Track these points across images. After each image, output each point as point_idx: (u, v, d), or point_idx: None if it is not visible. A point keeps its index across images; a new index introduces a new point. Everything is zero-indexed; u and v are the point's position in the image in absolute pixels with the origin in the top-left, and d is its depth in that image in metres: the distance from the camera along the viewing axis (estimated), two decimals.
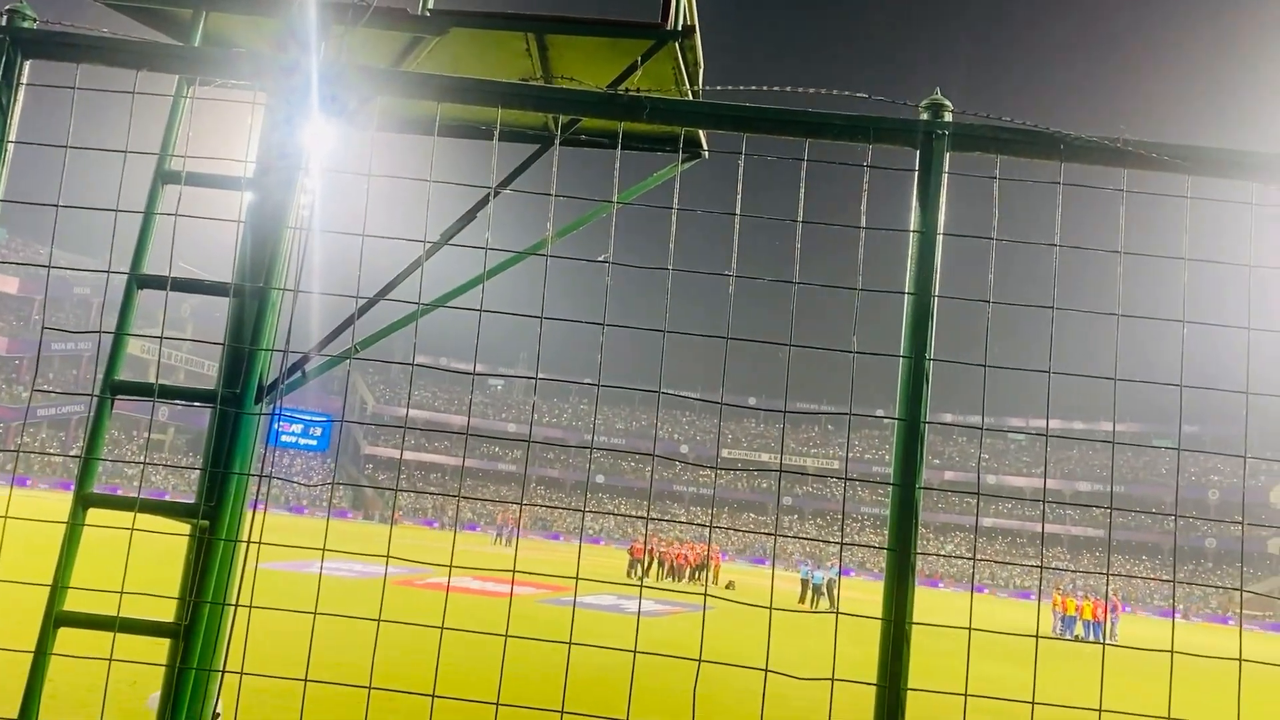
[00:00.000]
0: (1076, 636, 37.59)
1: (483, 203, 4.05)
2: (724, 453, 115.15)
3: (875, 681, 2.36)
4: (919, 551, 2.40)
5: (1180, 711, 2.49)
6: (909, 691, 2.34)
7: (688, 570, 45.34)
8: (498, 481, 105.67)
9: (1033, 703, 2.31)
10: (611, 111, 2.59)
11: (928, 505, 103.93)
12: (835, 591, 38.96)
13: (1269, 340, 2.77)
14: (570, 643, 2.53)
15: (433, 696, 2.67)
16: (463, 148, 4.83)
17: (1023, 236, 2.68)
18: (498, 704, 2.55)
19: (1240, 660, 2.54)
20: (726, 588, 43.83)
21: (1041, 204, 2.92)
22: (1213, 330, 2.74)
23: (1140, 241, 2.73)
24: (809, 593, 39.09)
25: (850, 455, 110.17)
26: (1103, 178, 2.61)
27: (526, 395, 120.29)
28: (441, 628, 2.72)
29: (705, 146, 4.39)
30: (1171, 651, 2.47)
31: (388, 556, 2.58)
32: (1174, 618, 2.72)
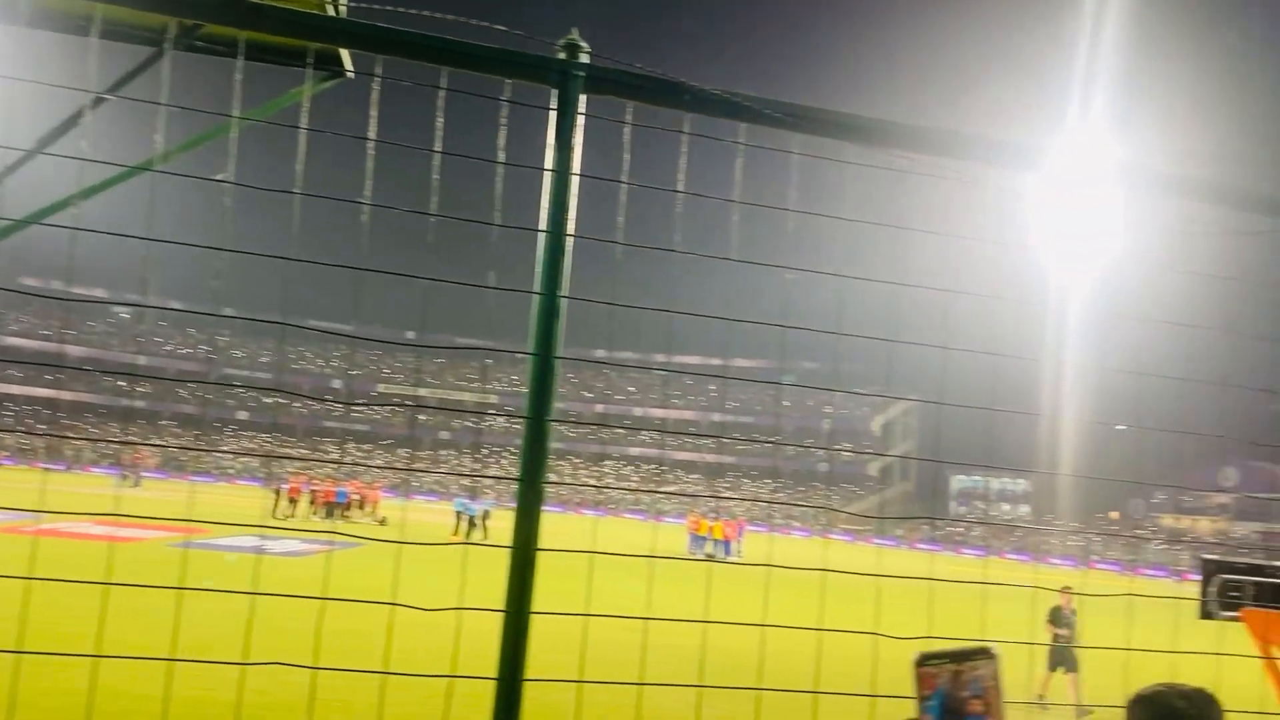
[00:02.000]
0: (708, 554, 40.99)
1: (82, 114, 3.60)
2: (379, 387, 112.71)
3: (504, 608, 2.42)
4: (548, 481, 2.49)
5: (784, 612, 2.79)
6: (532, 615, 2.44)
7: (337, 508, 44.16)
8: (125, 419, 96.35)
9: (646, 618, 2.48)
10: (229, 18, 2.40)
11: (579, 436, 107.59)
12: (488, 524, 39.62)
13: (865, 287, 3.13)
14: (181, 588, 2.38)
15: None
16: (98, 51, 4.26)
17: (668, 183, 2.81)
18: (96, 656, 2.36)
19: (825, 570, 2.88)
20: (381, 524, 43.27)
21: (699, 155, 3.08)
22: (823, 277, 3.05)
23: (758, 192, 2.95)
24: (463, 525, 39.55)
25: (509, 389, 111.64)
26: (735, 132, 2.80)
27: (156, 325, 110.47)
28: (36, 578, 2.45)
29: (349, 67, 4.19)
30: (769, 565, 2.76)
31: None
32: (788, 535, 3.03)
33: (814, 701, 2.68)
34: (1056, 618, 14.86)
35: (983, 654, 1.91)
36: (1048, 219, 3.57)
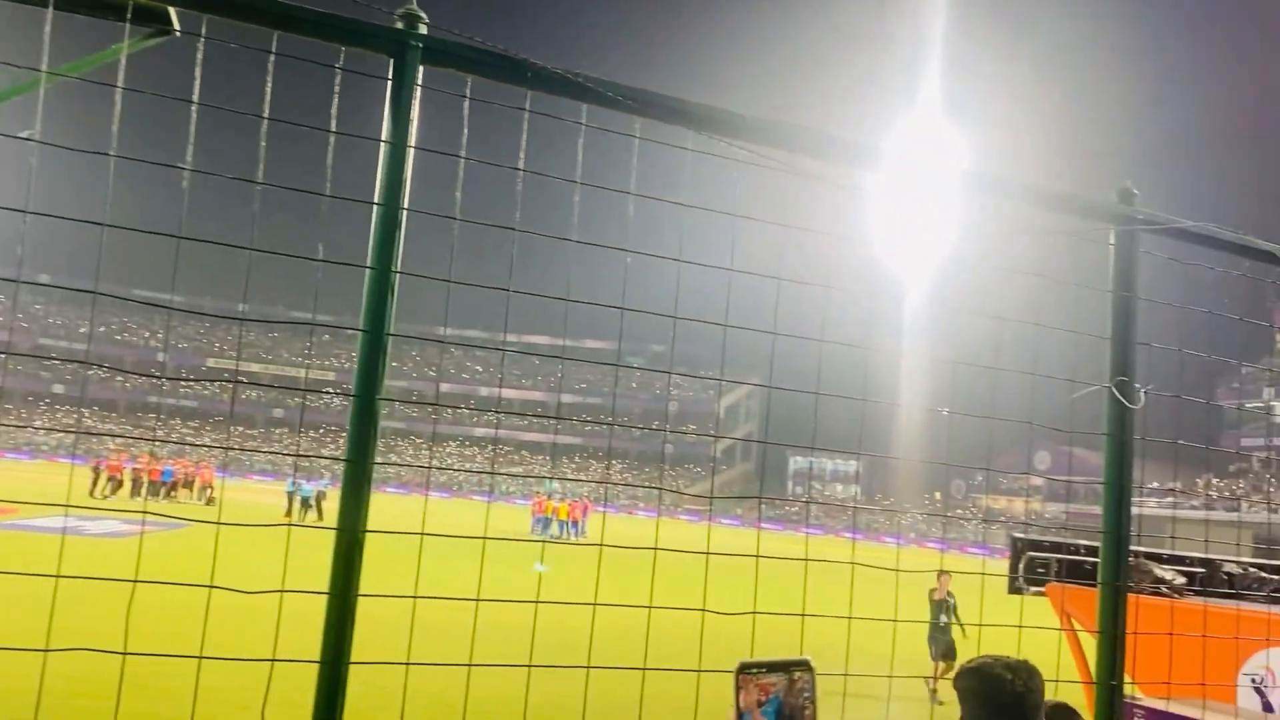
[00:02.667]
0: (553, 536, 41.05)
1: None
2: (209, 362, 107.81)
3: (327, 590, 2.36)
4: (376, 461, 2.43)
5: (624, 592, 2.81)
6: (359, 598, 2.38)
7: (163, 488, 42.18)
8: None
9: (477, 600, 2.46)
10: None
11: (421, 416, 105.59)
12: (323, 504, 38.52)
13: (706, 273, 3.18)
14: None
15: None
16: None
17: (509, 161, 2.77)
18: None
19: (655, 549, 2.92)
20: (208, 504, 41.47)
21: (543, 134, 3.04)
22: (660, 261, 3.08)
23: (599, 175, 2.95)
24: (296, 506, 38.34)
25: (349, 366, 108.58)
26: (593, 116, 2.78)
27: None
28: None
29: (175, 24, 3.95)
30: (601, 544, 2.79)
31: None
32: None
33: (642, 678, 2.72)
34: (937, 605, 14.33)
35: (803, 665, 2.05)
36: (882, 215, 3.71)
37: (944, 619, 14.20)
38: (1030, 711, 2.43)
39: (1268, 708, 5.54)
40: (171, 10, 3.96)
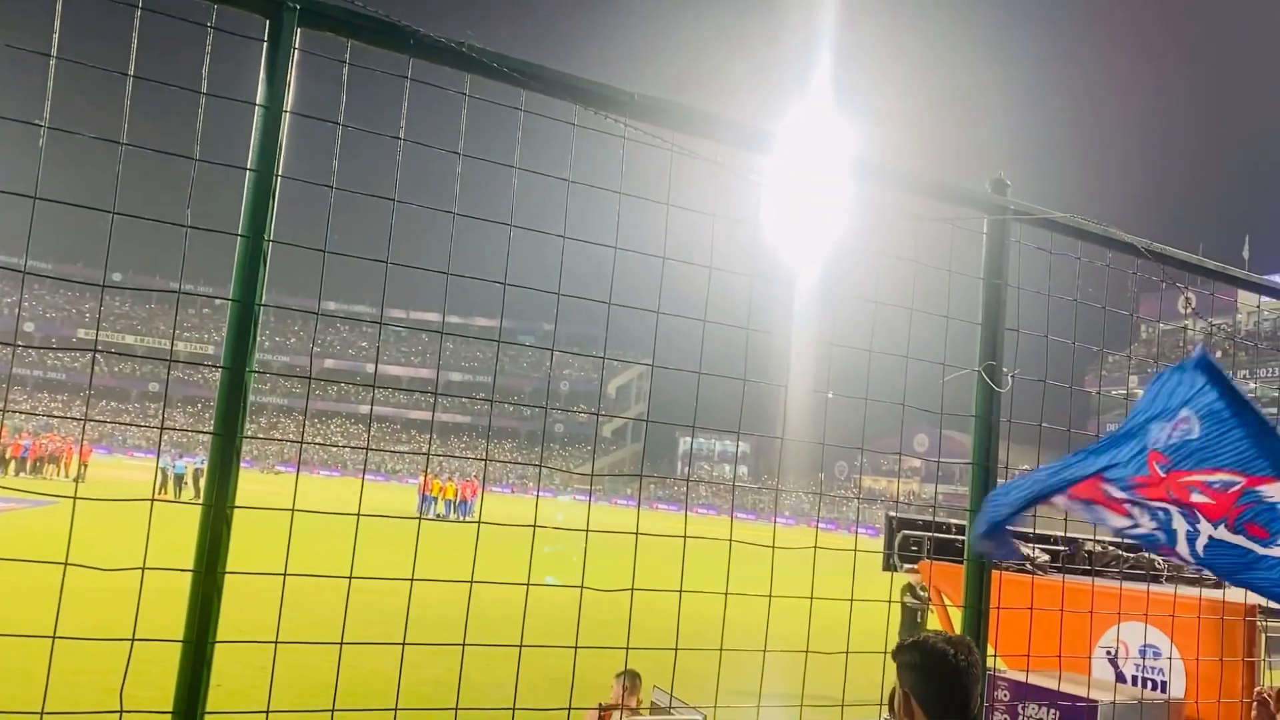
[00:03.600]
0: (439, 514, 40.60)
1: None
2: (80, 333, 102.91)
3: (192, 568, 2.29)
4: (246, 435, 2.36)
5: (507, 572, 2.80)
6: (226, 575, 2.31)
7: (29, 461, 40.34)
8: None
9: (349, 576, 2.42)
10: None
11: (304, 393, 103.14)
12: (199, 482, 37.33)
13: (594, 252, 3.17)
14: None
15: None
16: None
17: (391, 129, 2.70)
18: None
19: (534, 526, 2.91)
20: (76, 480, 39.73)
21: (425, 104, 2.96)
22: (553, 239, 3.05)
23: (485, 145, 2.91)
24: (170, 483, 37.05)
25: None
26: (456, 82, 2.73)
27: None
28: None
29: None
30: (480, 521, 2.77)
31: None
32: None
33: (519, 655, 2.72)
34: (913, 592, 14.27)
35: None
36: (770, 199, 3.76)
37: (917, 604, 14.18)
38: (970, 685, 2.47)
39: (1120, 679, 5.85)
40: None
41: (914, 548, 8.21)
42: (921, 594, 14.65)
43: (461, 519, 40.56)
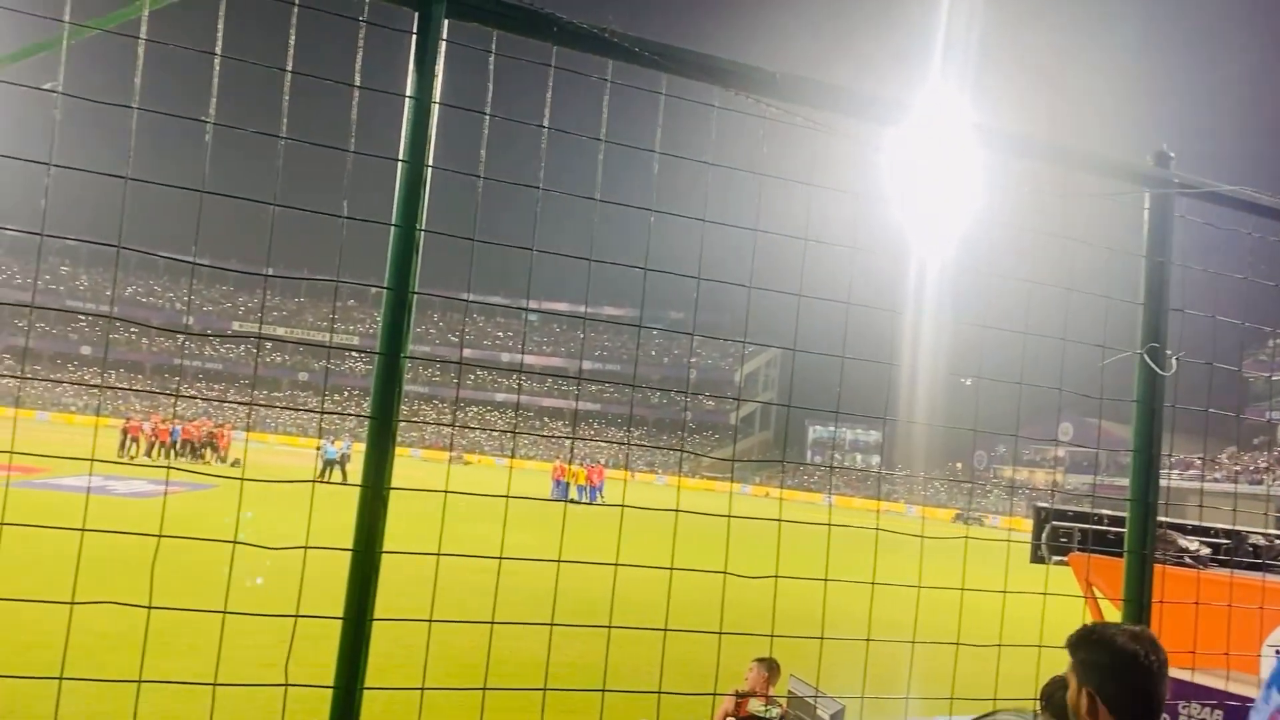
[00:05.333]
0: (571, 499, 41.27)
1: None
2: (234, 325, 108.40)
3: (351, 547, 2.37)
4: (402, 419, 2.43)
5: (642, 556, 2.81)
6: (384, 554, 2.39)
7: (190, 446, 42.76)
8: None
9: (500, 557, 2.47)
10: None
11: (444, 381, 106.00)
12: (346, 467, 38.89)
13: (730, 235, 3.14)
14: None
15: None
16: None
17: (535, 118, 2.73)
18: None
19: (676, 511, 2.91)
20: (232, 465, 41.97)
21: (569, 91, 2.99)
22: (688, 224, 3.04)
23: (625, 131, 2.91)
24: (329, 470, 38.75)
25: (372, 331, 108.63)
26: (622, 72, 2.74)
27: None
28: None
29: None
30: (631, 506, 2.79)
31: None
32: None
33: (663, 639, 2.72)
34: None
35: None
36: (908, 174, 3.66)
37: None
38: (1163, 688, 2.28)
39: None
40: None
41: (1063, 539, 7.90)
42: None
43: (590, 503, 41.17)
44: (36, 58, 3.55)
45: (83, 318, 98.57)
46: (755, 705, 6.86)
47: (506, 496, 2.48)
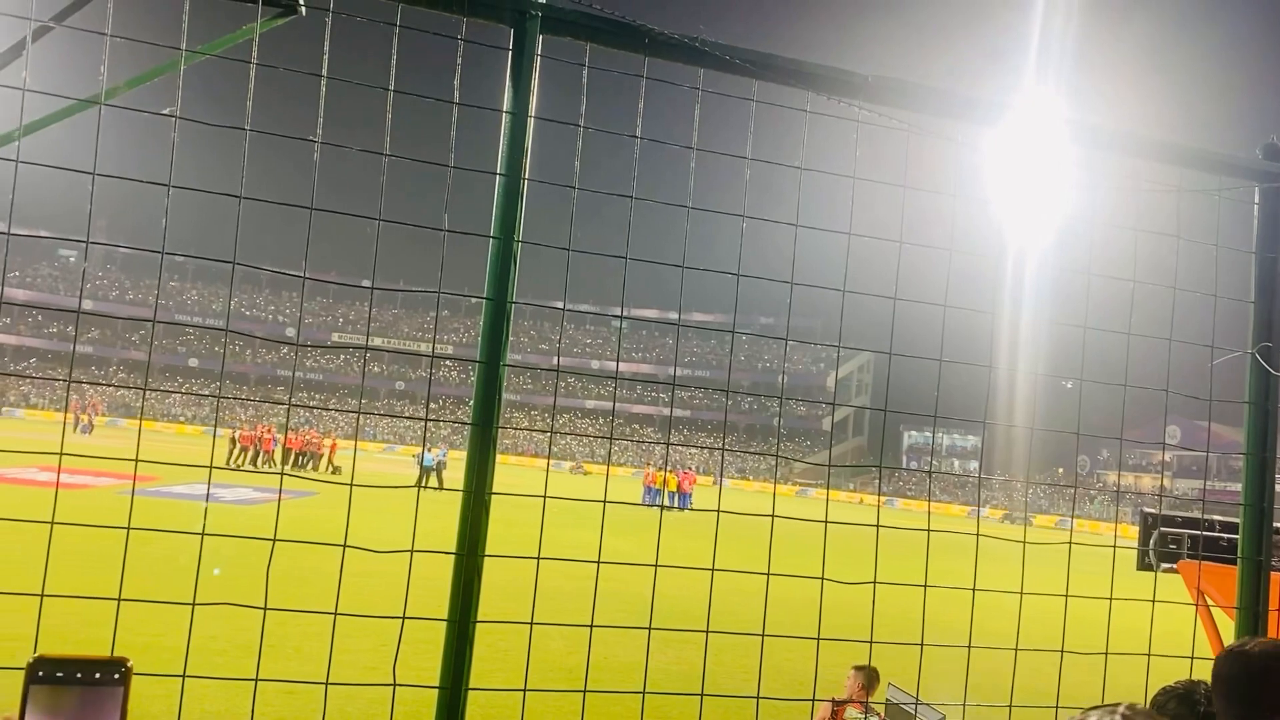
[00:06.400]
0: (664, 505, 41.28)
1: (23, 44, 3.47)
2: (334, 336, 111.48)
3: (455, 551, 2.43)
4: (501, 425, 2.49)
5: (736, 563, 2.82)
6: (485, 558, 2.45)
7: (298, 455, 44.08)
8: (74, 364, 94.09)
9: (598, 561, 2.51)
10: None
11: (536, 389, 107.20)
12: (443, 474, 39.63)
13: (821, 239, 3.13)
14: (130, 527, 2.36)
15: None
16: None
17: (627, 129, 2.78)
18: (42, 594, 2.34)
19: (773, 516, 2.91)
20: (332, 472, 43.13)
21: (659, 100, 3.03)
22: (779, 229, 3.05)
23: (715, 139, 2.94)
24: (422, 475, 39.57)
25: (465, 339, 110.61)
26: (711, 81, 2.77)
27: (106, 269, 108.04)
28: None
29: (301, 2, 4.08)
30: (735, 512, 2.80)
31: None
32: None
33: (761, 645, 2.72)
34: None
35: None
36: (1005, 175, 3.60)
37: None
38: None
39: None
40: None
41: (1172, 545, 7.62)
42: None
43: (682, 509, 41.14)
44: (148, 82, 3.73)
45: (190, 331, 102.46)
46: (853, 713, 6.78)
47: (604, 501, 2.52)
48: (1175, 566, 7.83)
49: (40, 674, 1.37)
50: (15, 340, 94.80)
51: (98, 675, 1.39)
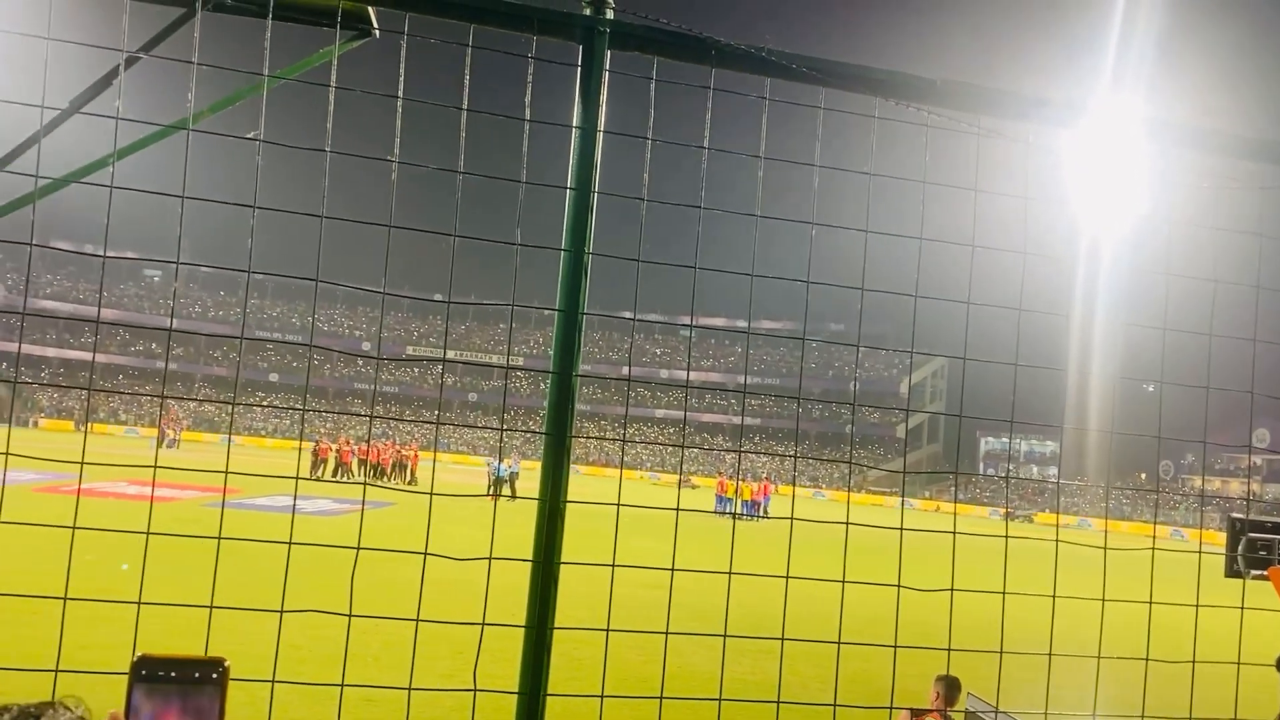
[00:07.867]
0: (736, 514, 41.10)
1: (113, 71, 3.62)
2: (408, 349, 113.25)
3: (531, 558, 2.48)
4: (574, 435, 2.53)
5: (811, 572, 2.82)
6: (561, 565, 2.49)
7: (377, 467, 44.89)
8: (157, 381, 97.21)
9: (672, 569, 2.53)
10: None
11: (605, 399, 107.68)
12: (516, 485, 40.00)
13: (892, 246, 3.12)
14: (220, 537, 2.45)
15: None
16: (102, 7, 4.27)
17: (695, 139, 2.80)
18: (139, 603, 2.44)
19: (847, 524, 2.90)
20: (409, 483, 43.85)
21: (727, 110, 3.06)
22: (850, 236, 3.04)
23: (785, 148, 2.94)
24: (494, 484, 39.99)
25: (535, 351, 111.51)
26: (757, 87, 2.79)
27: (189, 287, 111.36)
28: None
29: (375, 24, 4.19)
30: (798, 520, 2.80)
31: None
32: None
33: (837, 653, 2.72)
34: None
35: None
36: (1078, 175, 3.54)
37: None
38: None
39: None
40: (371, 12, 4.19)
41: (1262, 551, 7.38)
42: None
43: (754, 518, 40.89)
44: (229, 106, 3.86)
45: (269, 346, 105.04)
46: None
47: (676, 510, 2.54)
48: (1266, 573, 7.57)
49: (144, 672, 1.44)
50: (105, 358, 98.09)
51: (197, 675, 1.46)
